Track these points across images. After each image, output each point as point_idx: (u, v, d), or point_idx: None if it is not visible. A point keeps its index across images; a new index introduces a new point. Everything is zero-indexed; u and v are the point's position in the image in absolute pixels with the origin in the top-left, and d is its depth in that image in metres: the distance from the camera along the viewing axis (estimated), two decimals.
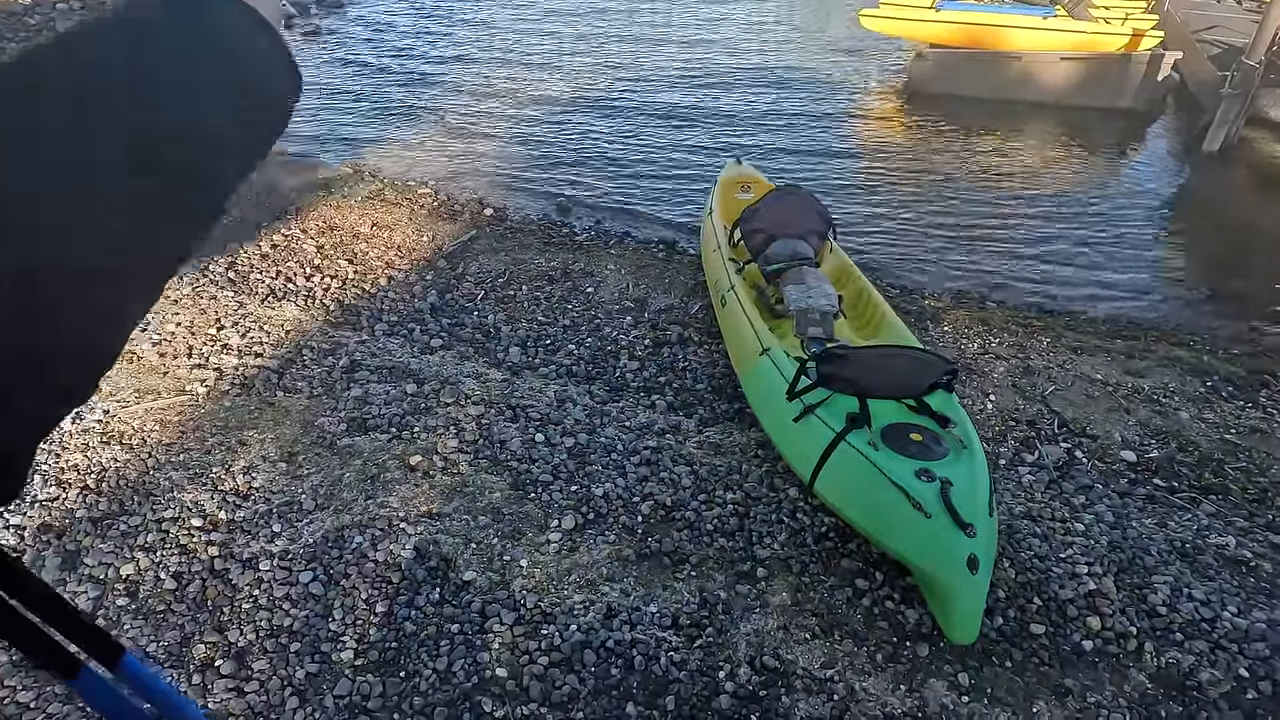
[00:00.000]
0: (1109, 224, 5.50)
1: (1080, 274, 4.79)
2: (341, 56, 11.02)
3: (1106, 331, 4.08)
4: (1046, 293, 4.57)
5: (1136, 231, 5.39)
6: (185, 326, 3.70)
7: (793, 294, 3.29)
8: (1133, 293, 4.60)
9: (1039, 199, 5.92)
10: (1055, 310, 4.36)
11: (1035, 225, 5.45)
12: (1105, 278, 4.76)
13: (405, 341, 3.69)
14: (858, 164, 6.66)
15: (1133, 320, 4.26)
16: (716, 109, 8.13)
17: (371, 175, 6.20)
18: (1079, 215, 5.63)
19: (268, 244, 4.72)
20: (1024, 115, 7.78)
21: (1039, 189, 6.13)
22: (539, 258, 4.72)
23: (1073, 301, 4.48)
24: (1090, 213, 5.67)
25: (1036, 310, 4.35)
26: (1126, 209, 5.75)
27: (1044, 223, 5.49)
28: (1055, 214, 5.64)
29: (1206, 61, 7.97)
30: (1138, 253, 5.09)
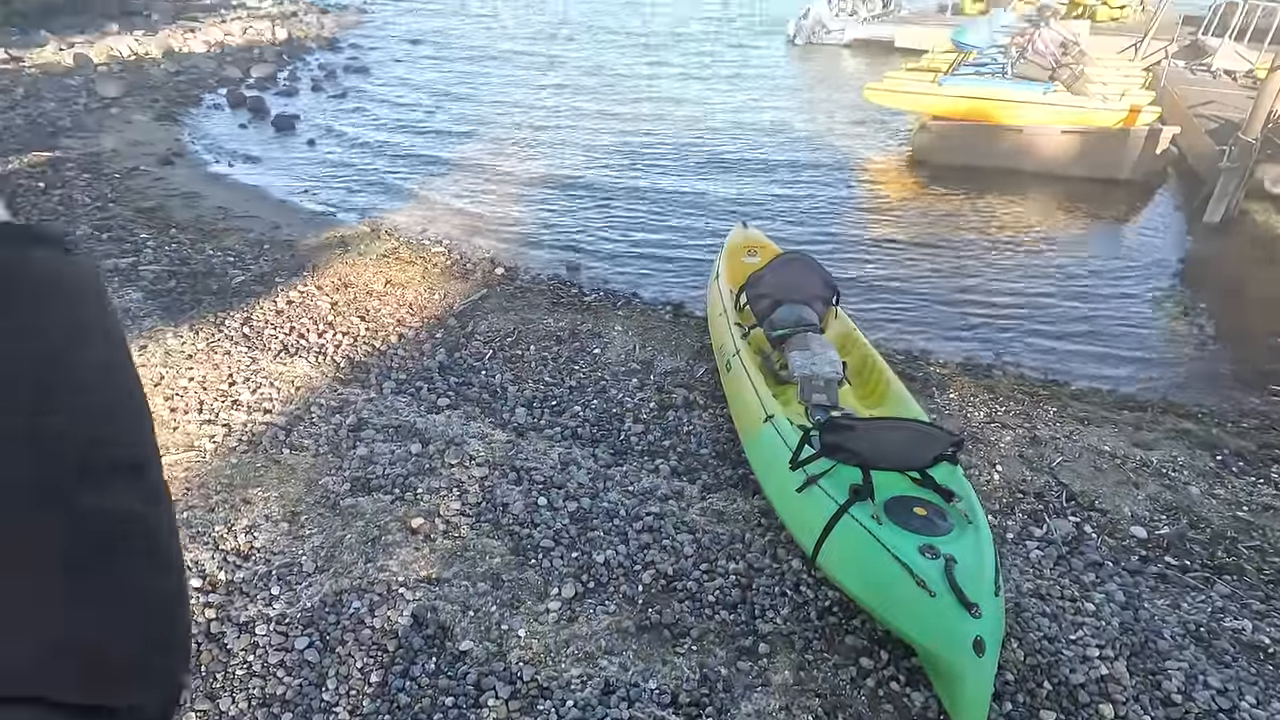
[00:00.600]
0: (1114, 294, 5.54)
1: (1086, 343, 4.81)
2: (365, 118, 11.47)
3: (1113, 402, 4.07)
4: (1052, 361, 4.58)
5: (1141, 302, 5.43)
6: (198, 382, 3.76)
7: (797, 360, 3.32)
8: (1139, 363, 4.60)
9: (1043, 268, 5.99)
10: (1061, 379, 4.36)
11: (1040, 294, 5.50)
12: (1111, 348, 4.77)
13: (413, 400, 3.73)
14: (863, 231, 6.79)
15: (1139, 391, 4.25)
16: (724, 175, 8.36)
17: (388, 233, 6.37)
18: (1083, 285, 5.68)
19: (284, 300, 4.83)
20: (1026, 186, 7.95)
21: (1043, 258, 6.21)
22: (547, 318, 4.79)
23: (1079, 371, 4.48)
24: (1094, 282, 5.73)
25: (1043, 379, 4.35)
26: (1131, 279, 5.80)
27: (1049, 292, 5.55)
28: (1060, 283, 5.70)
29: (1205, 136, 8.16)
30: (1142, 323, 5.11)
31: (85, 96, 11.30)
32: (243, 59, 15.55)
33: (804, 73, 15.76)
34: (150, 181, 7.51)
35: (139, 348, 4.07)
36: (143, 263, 5.38)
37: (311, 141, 9.94)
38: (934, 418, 3.59)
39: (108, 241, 5.76)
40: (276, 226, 6.37)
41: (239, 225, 6.32)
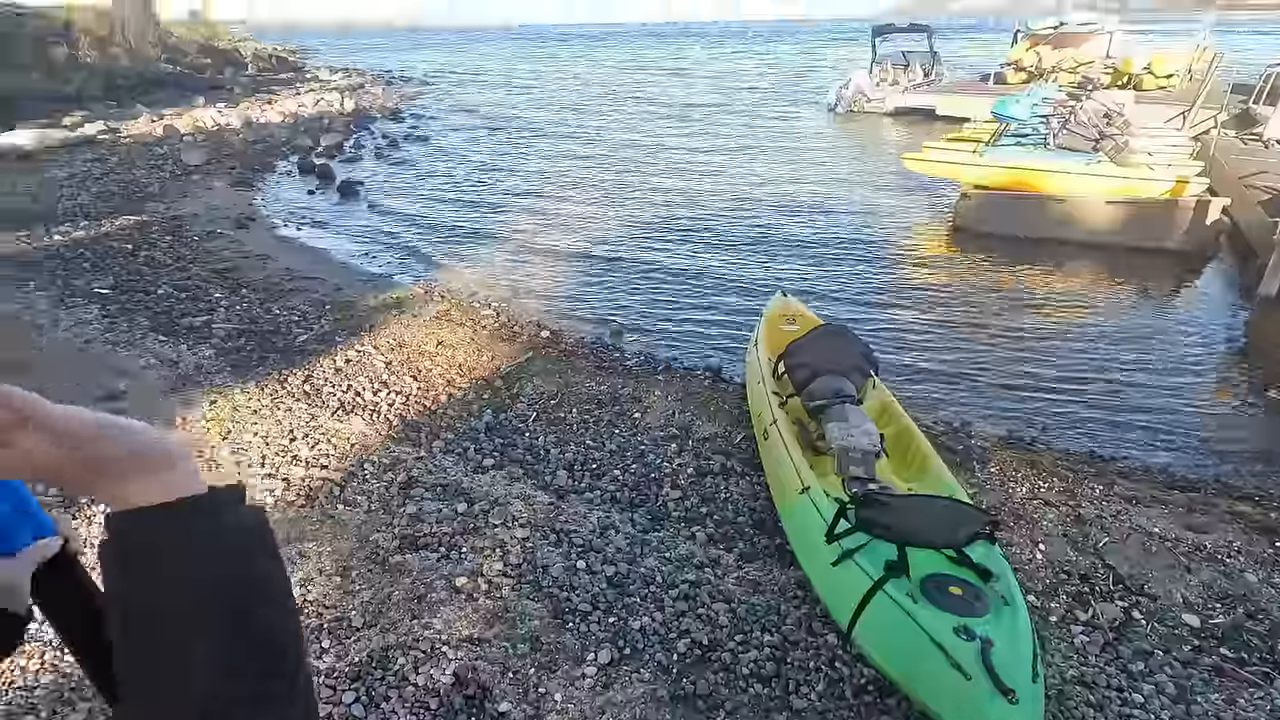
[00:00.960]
0: (1164, 369, 5.43)
1: (1134, 419, 4.71)
2: (423, 184, 12.15)
3: (1163, 482, 3.97)
4: (1098, 437, 4.49)
5: (1193, 377, 5.31)
6: (261, 437, 3.99)
7: (834, 432, 3.36)
8: (1191, 442, 4.47)
9: (1090, 340, 5.92)
10: (1107, 456, 4.27)
11: (1086, 367, 5.43)
12: (1161, 425, 4.66)
13: (459, 459, 3.88)
14: (902, 299, 6.84)
15: (1191, 472, 4.13)
16: (765, 243, 8.56)
17: (440, 295, 6.69)
18: (1132, 358, 5.58)
19: (342, 358, 5.11)
20: (1071, 255, 7.92)
21: (1090, 330, 6.14)
22: (590, 381, 4.94)
23: (1126, 448, 4.38)
24: (1143, 356, 5.62)
25: (1088, 455, 4.28)
26: (1182, 353, 5.68)
27: (1095, 365, 5.47)
28: (1107, 356, 5.62)
29: (1258, 207, 8.04)
30: (1195, 400, 4.99)
31: (171, 164, 12.28)
32: (313, 128, 16.70)
33: (845, 141, 16.13)
34: (226, 243, 8.08)
35: (209, 402, 4.35)
36: (216, 321, 5.77)
37: (373, 206, 10.57)
38: (973, 493, 3.57)
39: (185, 300, 6.20)
40: (338, 288, 6.77)
41: (304, 286, 6.74)
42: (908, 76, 20.89)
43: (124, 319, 5.69)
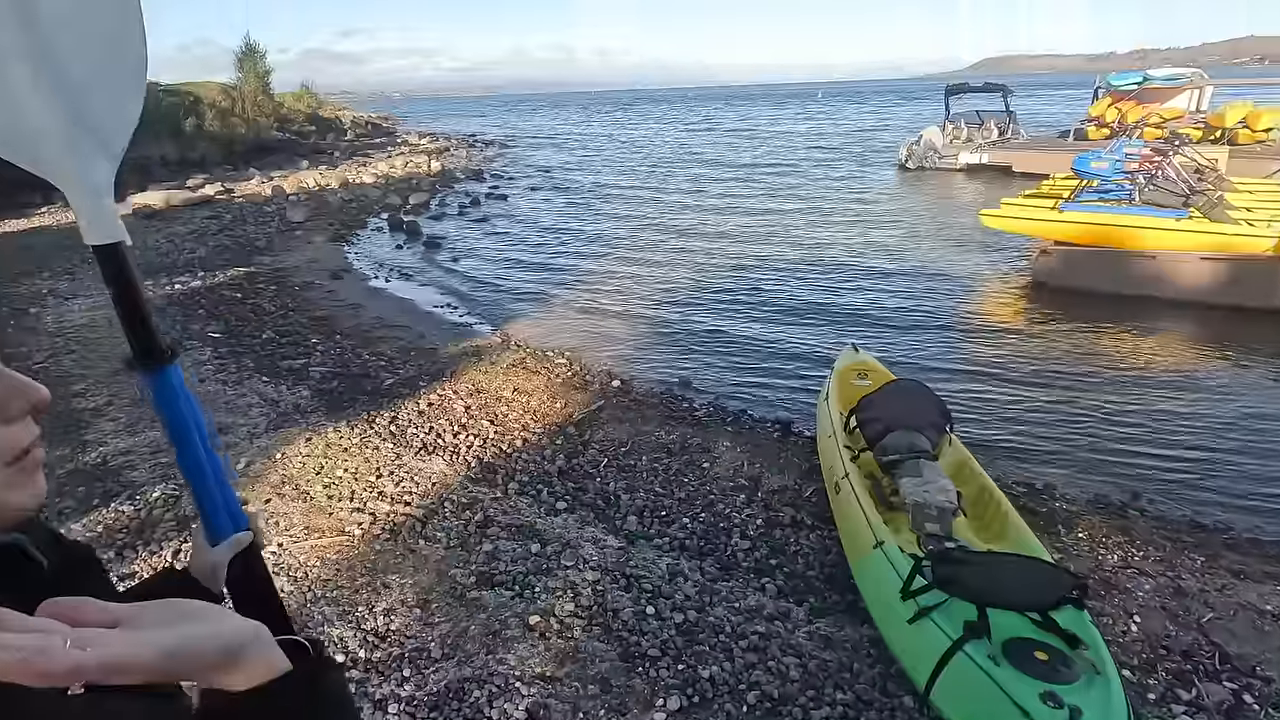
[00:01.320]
0: (1274, 433, 5.06)
1: (1239, 487, 4.39)
2: (502, 239, 12.78)
3: (1276, 556, 3.67)
4: (1198, 506, 4.20)
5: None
6: (350, 473, 4.24)
7: (909, 487, 3.31)
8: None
9: (1187, 402, 5.59)
10: (1210, 526, 3.99)
11: (1182, 430, 5.12)
12: (1272, 494, 4.33)
13: (533, 502, 4.00)
14: (980, 355, 6.67)
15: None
16: (835, 297, 8.56)
17: (517, 344, 6.98)
18: (1236, 424, 5.22)
19: (425, 402, 5.38)
20: (1162, 313, 7.56)
21: (1187, 391, 5.80)
22: (659, 430, 5.03)
23: (1230, 517, 4.08)
24: (1251, 422, 5.25)
25: (1188, 524, 4.01)
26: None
27: (1194, 428, 5.15)
28: (1207, 420, 5.28)
29: None
30: None
31: (277, 221, 13.40)
32: (403, 188, 17.93)
33: (917, 198, 16.04)
34: (323, 294, 8.70)
35: (305, 439, 4.66)
36: (312, 364, 6.20)
37: (455, 260, 11.19)
38: (1059, 557, 3.41)
39: (286, 345, 6.70)
40: (422, 335, 7.17)
41: (391, 333, 7.17)
42: (982, 134, 20.71)
43: (233, 361, 6.19)
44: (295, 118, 28.28)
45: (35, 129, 0.67)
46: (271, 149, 22.89)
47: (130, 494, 3.98)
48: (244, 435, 4.75)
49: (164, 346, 0.77)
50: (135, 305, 0.75)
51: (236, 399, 5.37)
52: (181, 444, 0.80)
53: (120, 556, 3.43)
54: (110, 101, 0.71)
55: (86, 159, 0.70)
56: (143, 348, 0.76)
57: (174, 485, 3.98)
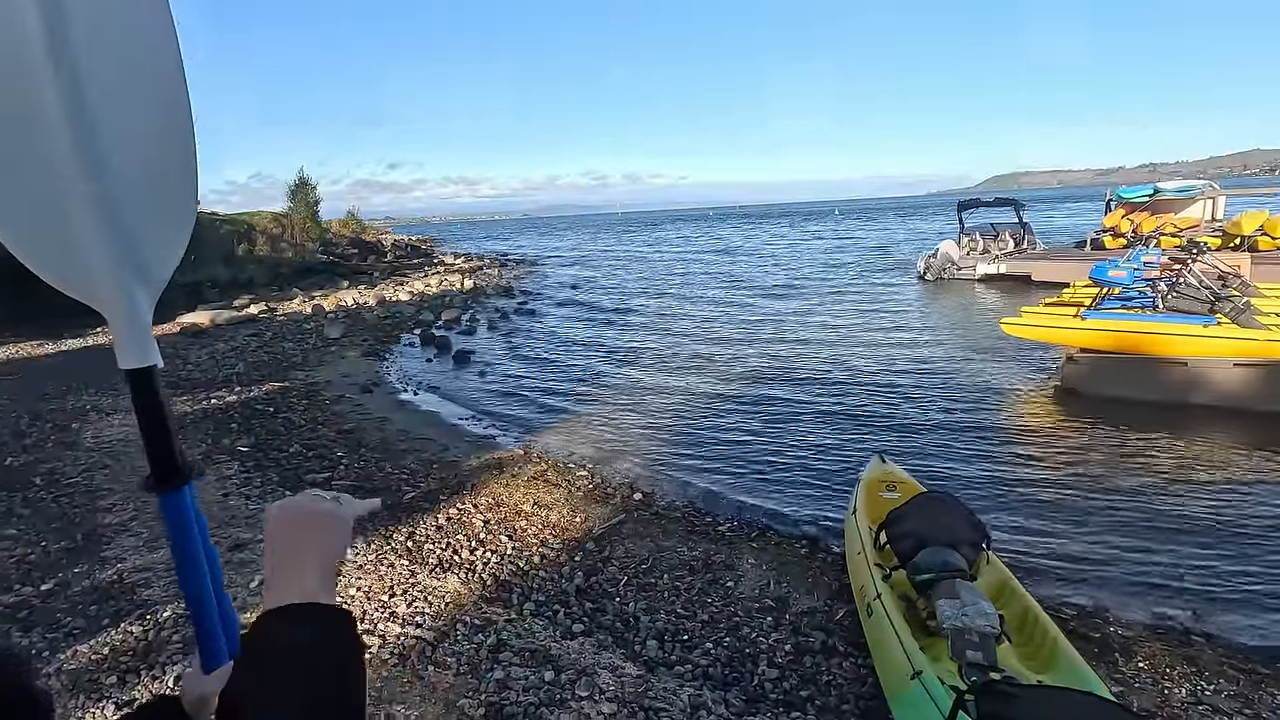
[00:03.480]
0: None
1: None
2: (528, 352, 13.07)
3: None
4: (1266, 629, 3.85)
5: None
6: (364, 591, 4.13)
7: (946, 610, 3.10)
8: None
9: (1238, 512, 5.27)
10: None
11: (1241, 547, 4.78)
12: None
13: (549, 624, 3.83)
14: (1013, 465, 6.45)
15: None
16: (860, 406, 8.47)
17: (539, 457, 6.95)
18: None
19: (444, 517, 5.32)
20: (1200, 420, 7.31)
21: (1242, 504, 5.46)
22: (681, 545, 4.86)
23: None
24: None
25: (1261, 652, 3.66)
26: None
27: (1252, 545, 4.81)
28: (1262, 531, 4.96)
29: None
30: None
31: (314, 337, 13.93)
32: (436, 305, 18.67)
33: (937, 308, 16.19)
34: (351, 407, 8.87)
35: None
36: (336, 478, 6.22)
37: (483, 373, 11.42)
38: (1118, 690, 3.12)
39: (312, 459, 6.76)
40: (445, 448, 7.19)
41: (415, 446, 7.21)
42: (997, 245, 21.14)
43: (258, 474, 6.24)
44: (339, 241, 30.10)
45: (87, 264, 0.72)
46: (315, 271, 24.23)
47: (141, 613, 3.90)
48: (261, 552, 4.69)
49: (181, 469, 0.79)
50: (161, 427, 0.78)
51: (258, 514, 5.36)
52: (186, 567, 0.80)
53: (123, 682, 3.32)
54: (158, 240, 0.78)
55: (129, 290, 0.74)
56: (161, 469, 0.78)
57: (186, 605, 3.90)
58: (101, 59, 0.68)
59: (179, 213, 0.79)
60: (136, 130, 0.72)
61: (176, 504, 0.79)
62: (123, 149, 0.71)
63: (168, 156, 0.77)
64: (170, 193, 0.77)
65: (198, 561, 0.81)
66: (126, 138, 0.71)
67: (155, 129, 0.74)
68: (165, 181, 0.77)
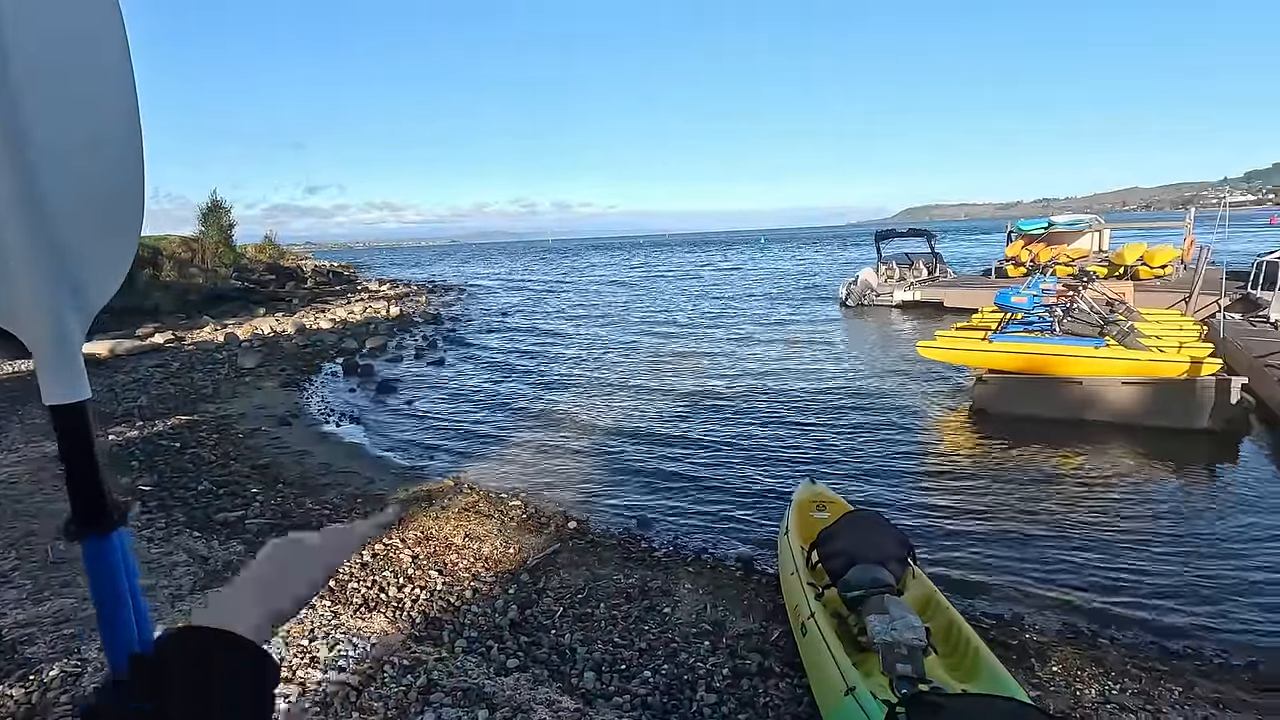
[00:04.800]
0: (1224, 554, 5.12)
1: (1204, 611, 4.36)
2: (457, 381, 12.77)
3: (1249, 682, 3.59)
4: (1166, 631, 4.14)
5: (1256, 562, 4.98)
6: (281, 637, 3.87)
7: (876, 625, 3.19)
8: (1272, 635, 4.10)
9: (1140, 524, 5.67)
10: (1181, 653, 3.91)
11: (1137, 552, 5.15)
12: (1234, 616, 4.29)
13: (482, 660, 3.70)
14: (933, 484, 6.74)
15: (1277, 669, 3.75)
16: (788, 430, 8.68)
17: (470, 487, 6.77)
18: (1187, 544, 5.29)
19: (369, 553, 5.08)
20: (1098, 435, 7.88)
21: (1138, 513, 5.88)
22: (618, 573, 4.81)
23: (1199, 643, 4.01)
24: (1199, 541, 5.33)
25: (1159, 652, 3.93)
26: (1239, 535, 5.39)
27: (1148, 549, 5.19)
28: (1159, 541, 5.34)
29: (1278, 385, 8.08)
30: (1263, 587, 4.64)
31: (227, 367, 13.17)
32: (360, 332, 18.03)
33: (859, 333, 16.88)
34: (268, 440, 8.41)
35: None
36: (250, 516, 5.86)
37: (409, 402, 11.07)
38: (1036, 695, 3.27)
39: (223, 496, 6.35)
40: (370, 481, 6.90)
41: (338, 480, 6.89)
42: (912, 273, 22.35)
43: (162, 515, 5.81)
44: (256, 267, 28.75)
45: (15, 287, 0.64)
46: (229, 297, 23.00)
47: (24, 673, 3.53)
48: (166, 598, 4.35)
49: (110, 511, 0.71)
50: (91, 468, 0.70)
51: (162, 557, 4.98)
52: (113, 623, 0.71)
53: None
54: (98, 262, 0.69)
55: (60, 315, 0.66)
56: (89, 512, 0.69)
57: (75, 661, 3.56)
58: (37, 44, 0.62)
59: (123, 226, 0.71)
60: (76, 129, 0.65)
61: (104, 551, 0.71)
62: (59, 147, 0.64)
63: (112, 160, 0.69)
64: (115, 203, 0.68)
65: (125, 620, 0.72)
66: (64, 135, 0.64)
67: (97, 127, 0.67)
68: (109, 189, 0.67)
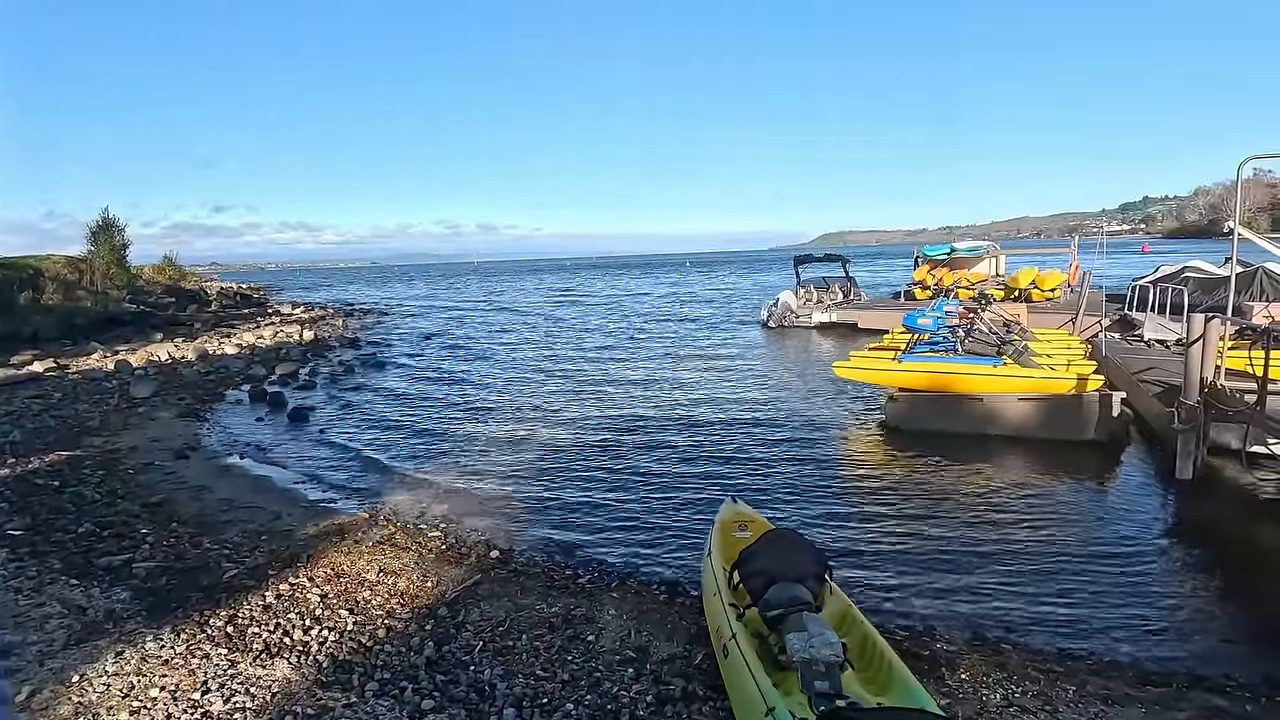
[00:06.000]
0: (1110, 556, 5.50)
1: (1092, 613, 4.65)
2: (375, 408, 12.28)
3: (1134, 678, 3.85)
4: (1061, 633, 4.39)
5: (1141, 563, 5.38)
6: (169, 691, 3.57)
7: (795, 643, 3.22)
8: (1151, 631, 4.41)
9: (1035, 531, 6.03)
10: (1076, 654, 4.15)
11: (1035, 559, 5.47)
12: (1118, 615, 4.61)
13: (395, 703, 3.51)
14: (847, 499, 6.96)
15: (1160, 665, 4.03)
16: (711, 450, 8.79)
17: (386, 519, 6.49)
18: (1078, 548, 5.66)
19: (273, 593, 4.78)
20: (998, 448, 8.37)
21: (1034, 522, 6.25)
22: (540, 603, 4.71)
23: (1090, 643, 4.28)
24: (1089, 545, 5.71)
25: (1056, 654, 4.16)
26: (1123, 539, 5.82)
27: (1043, 556, 5.52)
28: (1054, 547, 5.69)
29: (1153, 399, 8.84)
30: (1147, 586, 5.01)
31: (117, 397, 12.21)
32: (269, 358, 17.12)
33: (779, 352, 17.38)
34: (162, 476, 7.81)
35: (115, 654, 3.92)
36: (138, 559, 5.40)
37: (322, 431, 10.55)
38: (945, 703, 3.40)
39: (108, 538, 5.84)
40: (277, 516, 6.51)
41: (241, 517, 6.46)
42: (829, 296, 23.30)
43: (34, 562, 5.27)
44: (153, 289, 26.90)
45: None
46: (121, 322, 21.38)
47: None
48: (33, 657, 3.92)
49: None
50: None
51: (30, 610, 4.50)
52: None
53: None
54: None
55: None
56: None
57: None
58: None
59: None
60: None
61: None
62: None
63: None
64: None
65: None
66: None
67: None
68: None
